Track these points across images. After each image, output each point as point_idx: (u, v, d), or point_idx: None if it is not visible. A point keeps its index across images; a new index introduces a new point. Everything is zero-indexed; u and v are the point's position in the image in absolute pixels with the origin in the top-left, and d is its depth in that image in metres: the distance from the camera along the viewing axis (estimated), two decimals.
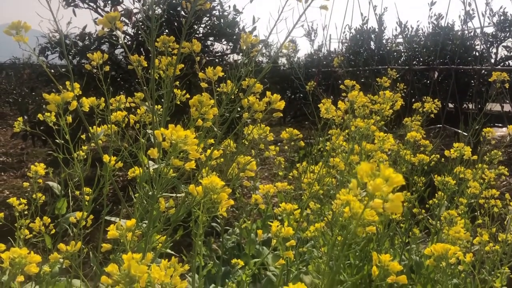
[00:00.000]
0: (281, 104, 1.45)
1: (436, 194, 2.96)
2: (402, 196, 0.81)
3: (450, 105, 9.76)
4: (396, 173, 0.82)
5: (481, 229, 2.72)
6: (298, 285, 0.99)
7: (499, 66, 8.74)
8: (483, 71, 8.32)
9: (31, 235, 2.25)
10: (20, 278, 1.13)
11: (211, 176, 1.19)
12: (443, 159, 3.72)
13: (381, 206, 0.81)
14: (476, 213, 3.04)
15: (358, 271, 2.79)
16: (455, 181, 2.64)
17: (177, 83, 1.97)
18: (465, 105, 9.84)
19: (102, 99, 1.89)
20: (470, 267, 2.28)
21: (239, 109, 1.68)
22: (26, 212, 2.30)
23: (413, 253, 2.86)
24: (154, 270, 1.14)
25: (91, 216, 2.01)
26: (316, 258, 2.43)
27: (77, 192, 2.41)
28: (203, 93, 1.46)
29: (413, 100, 8.61)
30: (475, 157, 2.79)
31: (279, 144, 3.67)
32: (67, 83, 1.84)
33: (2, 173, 5.91)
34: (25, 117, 6.02)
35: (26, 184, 2.48)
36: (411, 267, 2.81)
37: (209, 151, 1.82)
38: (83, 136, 2.39)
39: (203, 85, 1.60)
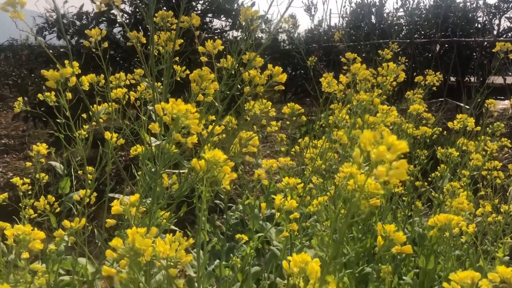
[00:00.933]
0: (283, 77, 1.43)
1: (439, 167, 2.96)
2: (406, 163, 0.81)
3: (452, 79, 9.69)
4: (399, 140, 0.81)
5: (483, 201, 2.73)
6: (302, 255, 1.00)
7: (501, 38, 8.64)
8: (485, 43, 8.23)
9: (36, 214, 2.26)
10: (25, 255, 1.14)
11: (214, 150, 1.18)
12: (445, 132, 3.70)
13: (385, 174, 0.80)
14: (478, 185, 3.05)
15: (361, 244, 2.81)
16: (458, 153, 2.64)
17: (177, 58, 1.94)
18: (467, 79, 9.77)
19: (102, 75, 1.88)
20: (473, 238, 2.30)
21: (239, 85, 1.67)
22: (30, 192, 2.31)
23: (416, 225, 2.88)
24: (159, 244, 1.14)
25: (95, 194, 2.02)
26: (319, 231, 2.45)
27: (80, 171, 2.41)
28: (203, 68, 1.45)
29: (415, 74, 8.55)
30: (478, 128, 2.78)
31: (280, 121, 3.66)
32: (66, 62, 1.83)
33: (5, 155, 5.92)
34: (25, 99, 6.00)
35: (28, 164, 2.48)
36: (413, 240, 2.82)
37: (210, 127, 1.82)
38: (84, 115, 2.38)
39: (203, 59, 1.58)
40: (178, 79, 2.04)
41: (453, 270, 1.99)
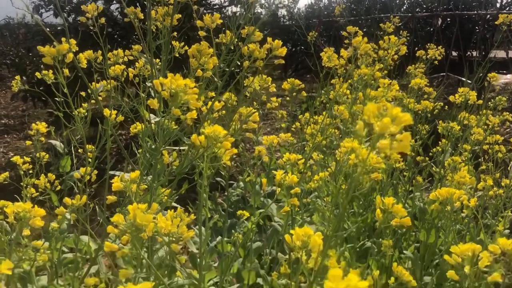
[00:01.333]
0: (283, 51, 1.41)
1: (440, 142, 2.95)
2: (409, 136, 0.79)
3: (454, 53, 9.60)
4: (403, 112, 0.80)
5: (484, 175, 2.73)
6: (304, 228, 1.00)
7: (505, 11, 8.52)
8: (488, 16, 8.12)
9: (37, 193, 2.27)
10: (26, 232, 1.14)
11: (214, 126, 1.17)
12: (446, 107, 3.68)
13: (389, 147, 0.79)
14: (479, 160, 3.05)
15: (361, 219, 2.83)
16: (459, 127, 2.62)
17: (175, 34, 1.91)
18: (469, 53, 9.68)
19: (100, 52, 1.85)
20: (474, 212, 2.30)
21: (239, 60, 1.64)
22: (30, 171, 2.31)
23: (417, 200, 2.89)
24: (160, 220, 1.14)
25: (95, 172, 2.02)
26: (320, 207, 2.46)
27: (80, 150, 2.41)
28: (202, 42, 1.42)
29: (416, 48, 8.46)
30: (480, 101, 2.76)
31: (280, 98, 3.64)
32: (63, 39, 1.80)
33: (5, 135, 5.92)
34: (24, 78, 5.96)
35: (28, 142, 2.47)
36: (414, 215, 2.84)
37: (210, 103, 1.80)
38: (83, 94, 2.36)
39: (201, 33, 1.55)
40: (177, 55, 2.01)
41: (454, 244, 2.00)
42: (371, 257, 2.20)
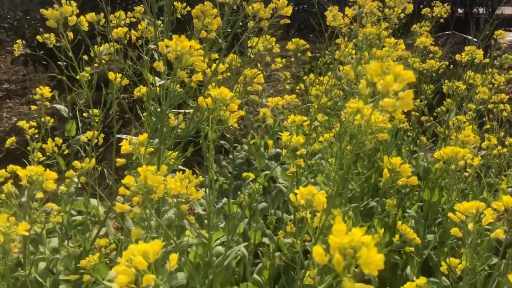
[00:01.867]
0: (288, 10, 1.39)
1: (445, 102, 2.94)
2: (412, 93, 0.80)
3: (460, 11, 9.39)
4: (406, 69, 0.80)
5: (489, 134, 2.73)
6: (309, 187, 1.02)
7: None
8: None
9: (44, 157, 2.29)
10: (39, 195, 1.16)
11: (220, 88, 1.17)
12: (452, 66, 3.64)
13: (392, 105, 0.80)
14: (484, 119, 3.04)
15: (365, 180, 2.86)
16: (464, 86, 2.61)
17: None
18: (475, 10, 9.47)
19: (102, 14, 1.83)
20: (477, 171, 2.32)
21: (242, 21, 1.62)
22: (36, 136, 2.32)
23: (421, 160, 2.90)
24: (170, 181, 1.16)
25: (102, 135, 2.03)
26: (324, 168, 2.48)
27: (85, 114, 2.41)
28: (205, 3, 1.40)
29: (421, 6, 8.27)
30: (486, 60, 2.73)
31: (284, 59, 3.60)
32: (63, 1, 1.77)
33: (7, 100, 5.92)
34: (24, 42, 5.89)
35: (33, 107, 2.47)
36: (418, 175, 2.86)
37: (214, 65, 1.79)
38: (85, 57, 2.34)
39: None
40: (179, 16, 1.98)
41: (457, 203, 2.03)
42: (375, 216, 2.23)
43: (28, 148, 2.28)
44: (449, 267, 1.49)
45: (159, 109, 1.57)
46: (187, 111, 1.68)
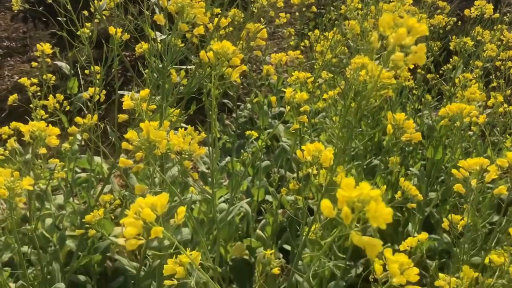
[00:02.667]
0: None
1: (451, 59, 2.89)
2: (425, 47, 0.77)
3: None
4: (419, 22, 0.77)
5: (495, 92, 2.70)
6: (315, 144, 1.01)
7: None
8: None
9: (47, 115, 2.28)
10: (42, 151, 1.16)
11: (222, 41, 1.14)
12: (459, 22, 3.56)
13: (403, 59, 0.78)
14: (491, 77, 3.00)
15: (369, 138, 2.85)
16: (472, 43, 2.55)
17: None
18: None
19: None
20: (482, 129, 2.31)
21: None
22: (38, 93, 2.31)
23: (425, 118, 2.88)
24: (173, 137, 1.16)
25: (104, 92, 2.01)
26: (328, 126, 2.47)
27: (87, 71, 2.38)
28: None
29: None
30: (496, 15, 2.65)
31: (288, 14, 3.52)
32: None
33: (8, 58, 5.85)
34: None
35: (34, 64, 2.45)
36: (422, 133, 2.85)
37: (216, 19, 1.75)
38: (85, 12, 2.29)
39: None
40: None
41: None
42: (377, 174, 2.24)
43: (31, 106, 2.27)
44: (451, 223, 1.51)
45: (160, 65, 1.55)
46: (189, 67, 1.65)
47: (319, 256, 1.64)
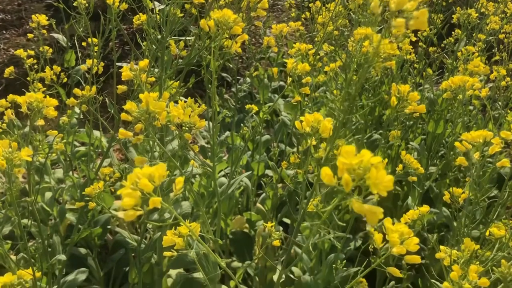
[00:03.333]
0: None
1: (453, 32, 2.85)
2: (426, 12, 0.75)
3: None
4: None
5: (497, 66, 2.67)
6: (314, 114, 0.99)
7: None
8: None
9: (44, 88, 2.25)
10: (40, 122, 1.14)
11: (223, 10, 1.11)
12: None
13: (404, 25, 0.76)
14: (493, 51, 2.96)
15: (369, 112, 2.83)
16: (476, 14, 2.51)
17: None
18: None
19: None
20: (483, 103, 2.29)
21: None
22: (35, 66, 2.28)
23: (427, 92, 2.86)
24: (173, 109, 1.14)
25: (102, 64, 1.98)
26: (329, 100, 2.44)
27: (84, 43, 2.34)
28: None
29: None
30: None
31: None
32: None
33: (4, 31, 5.76)
34: None
35: (30, 35, 2.40)
36: None
37: None
38: None
39: None
40: None
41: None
42: (378, 148, 2.23)
43: (28, 78, 2.24)
44: (451, 196, 1.51)
45: (159, 36, 1.52)
46: (188, 38, 1.62)
47: (318, 229, 1.65)
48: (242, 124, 2.96)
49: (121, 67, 1.54)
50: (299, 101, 1.79)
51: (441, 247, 1.18)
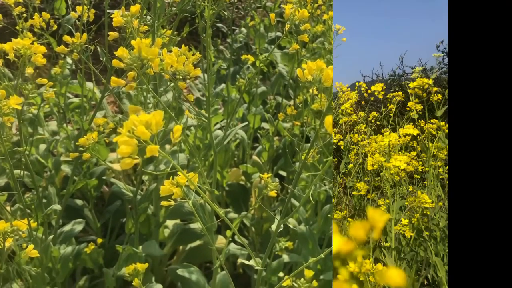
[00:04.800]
0: None
1: None
2: None
3: None
4: None
5: None
6: (317, 61, 0.96)
7: None
8: None
9: (35, 38, 2.18)
10: (29, 70, 1.10)
11: None
12: None
13: None
14: None
15: None
16: None
17: None
18: None
19: None
20: None
21: None
22: (24, 14, 2.20)
23: None
24: (166, 57, 1.10)
25: (93, 11, 1.91)
26: (326, 52, 2.39)
27: None
28: None
29: None
30: None
31: None
32: None
33: None
34: None
35: None
36: None
37: None
38: None
39: None
40: None
41: None
42: None
43: (17, 27, 2.16)
44: None
45: None
46: None
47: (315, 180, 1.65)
48: (237, 76, 2.91)
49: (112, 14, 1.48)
50: (297, 50, 1.74)
51: None
